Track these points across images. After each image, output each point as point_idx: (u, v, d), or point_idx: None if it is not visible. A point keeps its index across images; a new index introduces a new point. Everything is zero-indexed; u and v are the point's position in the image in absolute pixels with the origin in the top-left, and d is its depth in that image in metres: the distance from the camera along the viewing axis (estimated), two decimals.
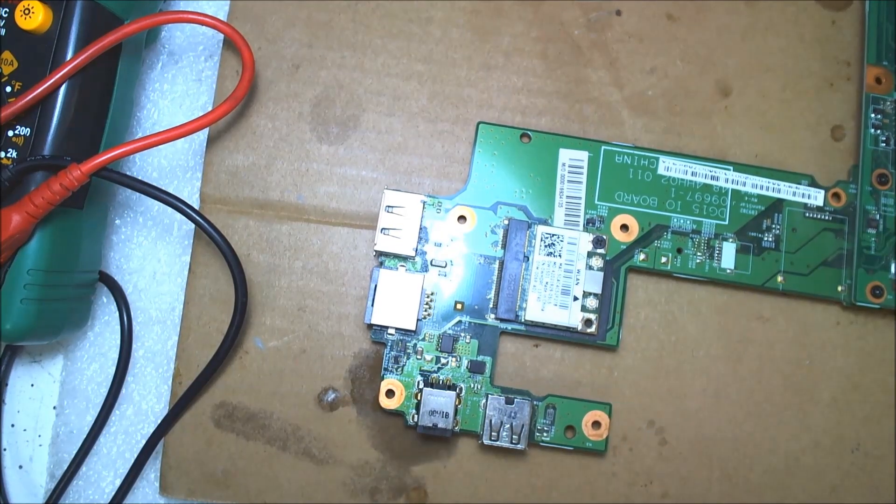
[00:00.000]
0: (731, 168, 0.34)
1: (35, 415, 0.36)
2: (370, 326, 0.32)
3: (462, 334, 0.33)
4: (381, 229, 0.32)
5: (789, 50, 0.35)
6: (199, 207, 0.34)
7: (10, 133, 0.30)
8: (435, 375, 0.32)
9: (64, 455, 0.35)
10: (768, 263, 0.33)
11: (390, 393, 0.32)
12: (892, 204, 0.33)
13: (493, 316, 0.33)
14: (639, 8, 0.36)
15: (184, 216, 0.31)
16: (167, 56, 0.37)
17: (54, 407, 0.36)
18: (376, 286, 0.32)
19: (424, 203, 0.33)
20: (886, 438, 0.34)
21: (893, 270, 0.33)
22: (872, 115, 0.34)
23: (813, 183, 0.34)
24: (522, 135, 0.34)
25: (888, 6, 0.34)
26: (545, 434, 0.32)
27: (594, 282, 0.32)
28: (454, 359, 0.32)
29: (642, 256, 0.33)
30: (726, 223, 0.34)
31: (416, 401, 0.32)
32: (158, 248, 0.36)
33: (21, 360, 0.36)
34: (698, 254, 0.33)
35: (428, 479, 0.33)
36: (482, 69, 0.35)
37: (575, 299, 0.32)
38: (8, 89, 0.30)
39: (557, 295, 0.32)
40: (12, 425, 0.36)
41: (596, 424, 0.32)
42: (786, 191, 0.34)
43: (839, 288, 0.33)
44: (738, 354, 0.34)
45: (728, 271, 0.33)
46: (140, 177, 0.35)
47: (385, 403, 0.32)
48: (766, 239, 0.34)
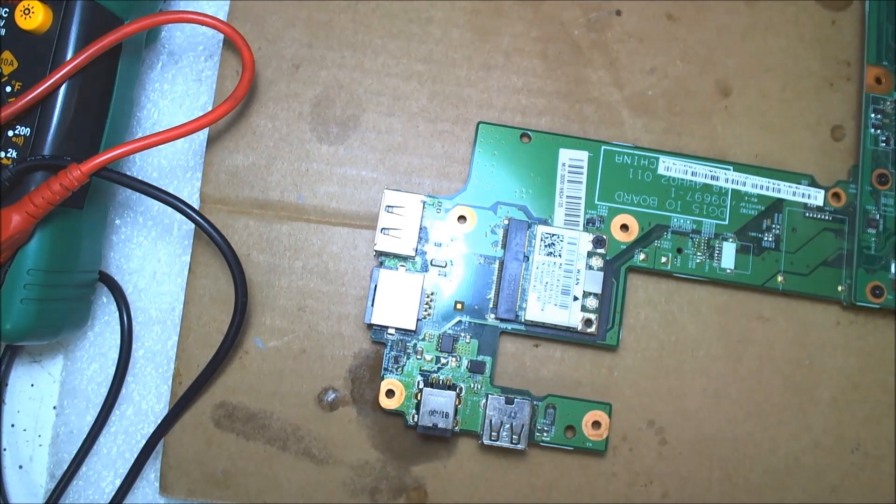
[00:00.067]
0: (731, 168, 0.34)
1: (35, 415, 0.36)
2: (370, 326, 0.32)
3: (462, 334, 0.33)
4: (381, 229, 0.32)
5: (789, 50, 0.35)
6: (199, 207, 0.34)
7: (10, 133, 0.30)
8: (435, 375, 0.32)
9: (64, 455, 0.35)
10: (768, 263, 0.33)
11: (390, 393, 0.32)
12: (892, 204, 0.33)
13: (493, 316, 0.33)
14: (639, 8, 0.36)
15: (184, 216, 0.31)
16: (167, 56, 0.37)
17: (54, 407, 0.36)
18: (376, 286, 0.32)
19: (424, 203, 0.33)
20: (886, 438, 0.34)
21: (893, 270, 0.33)
22: (872, 115, 0.34)
23: (813, 183, 0.34)
24: (522, 135, 0.34)
25: (888, 6, 0.34)
26: (545, 434, 0.32)
27: (594, 282, 0.32)
28: (454, 359, 0.32)
29: (642, 256, 0.33)
30: (726, 223, 0.34)
31: (416, 401, 0.32)
32: (158, 248, 0.36)
33: (21, 360, 0.36)
34: (698, 254, 0.33)
35: (428, 479, 0.33)
36: (482, 69, 0.35)
37: (575, 299, 0.32)
38: (8, 89, 0.30)
39: (557, 295, 0.32)
40: (12, 425, 0.36)
41: (596, 424, 0.32)
42: (786, 191, 0.34)
43: (839, 288, 0.33)
44: (738, 354, 0.34)
45: (728, 271, 0.33)
46: (140, 177, 0.35)
47: (385, 403, 0.32)
48: (766, 239, 0.34)
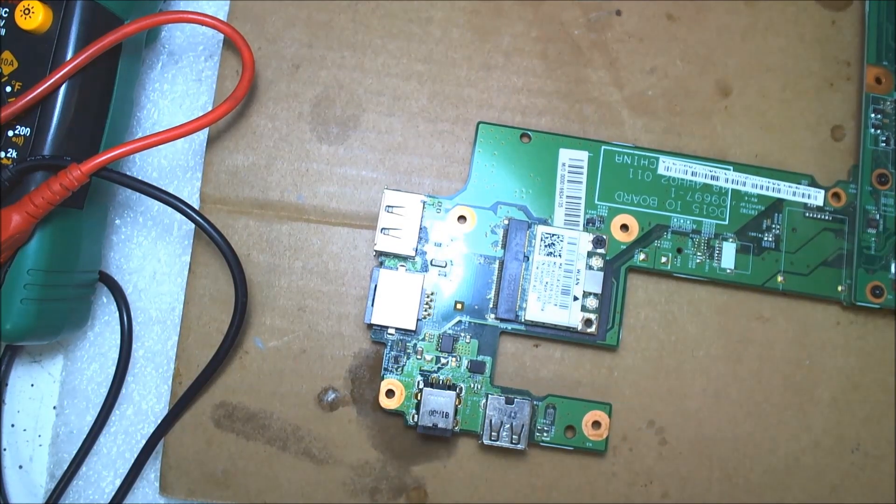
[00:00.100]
0: (731, 168, 0.34)
1: (35, 415, 0.36)
2: (370, 326, 0.32)
3: (462, 334, 0.33)
4: (381, 229, 0.32)
5: (789, 50, 0.35)
6: (199, 207, 0.34)
7: (10, 133, 0.30)
8: (435, 375, 0.32)
9: (64, 455, 0.35)
10: (768, 263, 0.33)
11: (390, 393, 0.32)
12: (892, 204, 0.33)
13: (493, 316, 0.33)
14: (639, 8, 0.36)
15: (184, 216, 0.31)
16: (167, 56, 0.37)
17: (54, 407, 0.36)
18: (376, 286, 0.32)
19: (424, 203, 0.33)
20: (886, 438, 0.34)
21: (893, 270, 0.33)
22: (872, 115, 0.34)
23: (813, 183, 0.34)
24: (522, 135, 0.34)
25: (888, 6, 0.34)
26: (545, 434, 0.32)
27: (594, 282, 0.32)
28: (454, 359, 0.32)
29: (642, 256, 0.33)
30: (726, 223, 0.34)
31: (416, 401, 0.32)
32: (158, 248, 0.36)
33: (21, 360, 0.36)
34: (698, 254, 0.33)
35: (428, 479, 0.33)
36: (482, 69, 0.35)
37: (575, 299, 0.32)
38: (8, 89, 0.30)
39: (557, 295, 0.32)
40: (12, 425, 0.36)
41: (596, 424, 0.32)
42: (786, 191, 0.34)
43: (839, 288, 0.33)
44: (738, 354, 0.34)
45: (728, 271, 0.33)
46: (140, 177, 0.35)
47: (385, 403, 0.32)
48: (766, 239, 0.33)
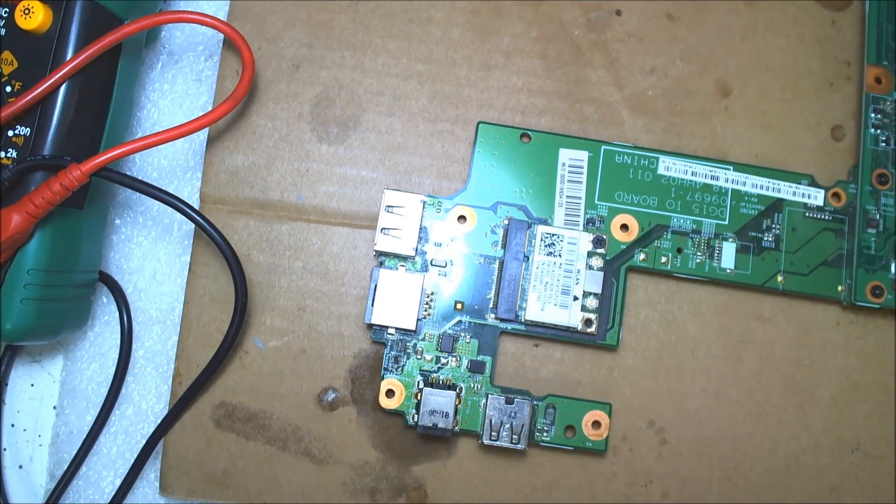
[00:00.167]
0: (731, 168, 0.34)
1: (35, 415, 0.36)
2: (370, 326, 0.32)
3: (462, 334, 0.33)
4: (381, 229, 0.32)
5: (789, 50, 0.35)
6: (199, 207, 0.34)
7: (10, 133, 0.30)
8: (435, 375, 0.32)
9: (64, 455, 0.35)
10: (768, 263, 0.33)
11: (390, 393, 0.32)
12: (892, 204, 0.33)
13: (493, 316, 0.33)
14: (639, 8, 0.36)
15: (184, 216, 0.31)
16: (167, 56, 0.37)
17: (54, 407, 0.36)
18: (376, 286, 0.32)
19: (424, 203, 0.33)
20: (886, 438, 0.34)
21: (893, 270, 0.33)
22: (872, 115, 0.34)
23: (813, 183, 0.34)
24: (522, 135, 0.34)
25: (888, 6, 0.34)
26: (545, 434, 0.32)
27: (594, 282, 0.32)
28: (454, 359, 0.32)
29: (642, 256, 0.33)
30: (726, 223, 0.33)
31: (416, 401, 0.32)
32: (158, 248, 0.36)
33: (21, 360, 0.36)
34: (698, 254, 0.33)
35: (428, 479, 0.33)
36: (482, 69, 0.35)
37: (575, 299, 0.32)
38: (8, 89, 0.30)
39: (557, 295, 0.32)
40: (12, 425, 0.36)
41: (596, 424, 0.32)
42: (786, 191, 0.34)
43: (839, 288, 0.33)
44: (738, 354, 0.34)
45: (728, 271, 0.33)
46: (140, 177, 0.35)
47: (385, 403, 0.32)
48: (766, 239, 0.33)
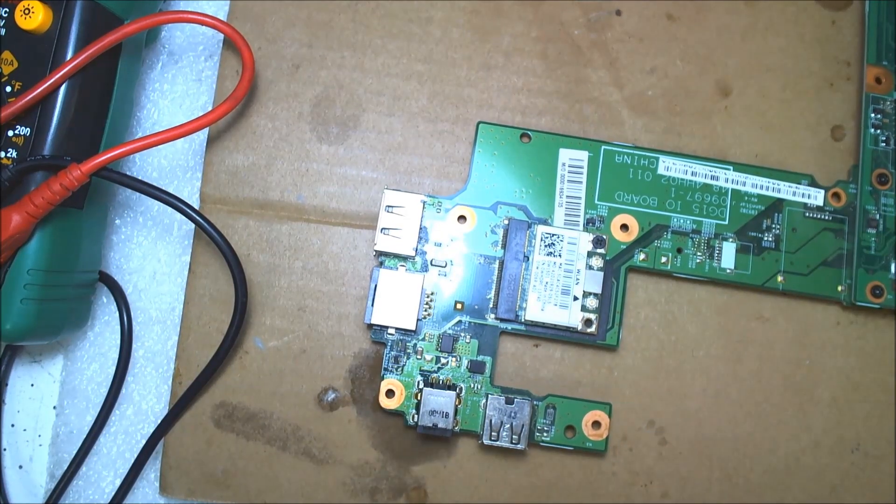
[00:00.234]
0: (731, 168, 0.34)
1: (35, 415, 0.36)
2: (370, 326, 0.32)
3: (462, 334, 0.33)
4: (381, 229, 0.32)
5: (789, 50, 0.35)
6: (199, 207, 0.34)
7: (10, 133, 0.30)
8: (435, 375, 0.32)
9: (64, 455, 0.35)
10: (768, 263, 0.33)
11: (390, 393, 0.32)
12: (892, 204, 0.33)
13: (493, 316, 0.33)
14: (639, 8, 0.36)
15: (184, 216, 0.31)
16: (167, 56, 0.37)
17: (54, 407, 0.36)
18: (376, 286, 0.32)
19: (424, 203, 0.33)
20: (886, 438, 0.34)
21: (893, 270, 0.33)
22: (872, 115, 0.34)
23: (813, 183, 0.34)
24: (522, 135, 0.34)
25: (888, 6, 0.34)
26: (545, 434, 0.32)
27: (594, 282, 0.32)
28: (454, 359, 0.32)
29: (642, 256, 0.33)
30: (726, 223, 0.33)
31: (416, 401, 0.32)
32: (158, 248, 0.36)
33: (21, 360, 0.36)
34: (698, 254, 0.33)
35: (428, 479, 0.33)
36: (482, 69, 0.35)
37: (575, 299, 0.32)
38: (8, 89, 0.30)
39: (557, 295, 0.32)
40: (12, 425, 0.36)
41: (596, 424, 0.32)
42: (786, 191, 0.34)
43: (839, 288, 0.33)
44: (738, 354, 0.34)
45: (728, 271, 0.33)
46: (140, 177, 0.35)
47: (385, 403, 0.32)
48: (766, 239, 0.33)
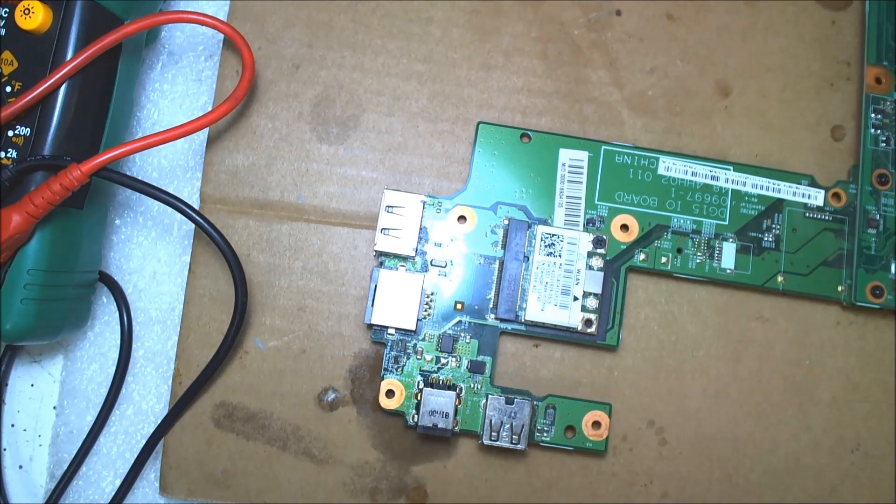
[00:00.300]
0: (731, 168, 0.34)
1: (35, 415, 0.36)
2: (370, 326, 0.32)
3: (462, 334, 0.33)
4: (381, 229, 0.32)
5: (789, 50, 0.35)
6: (199, 207, 0.34)
7: (10, 133, 0.30)
8: (435, 375, 0.32)
9: (64, 455, 0.35)
10: (768, 263, 0.33)
11: (390, 393, 0.32)
12: (892, 204, 0.33)
13: (493, 316, 0.33)
14: (639, 8, 0.36)
15: (184, 216, 0.31)
16: (167, 56, 0.37)
17: (54, 407, 0.36)
18: (376, 286, 0.32)
19: (424, 203, 0.33)
20: (886, 438, 0.34)
21: (893, 270, 0.33)
22: (872, 115, 0.34)
23: (813, 183, 0.34)
24: (522, 135, 0.34)
25: (888, 6, 0.34)
26: (545, 434, 0.32)
27: (594, 282, 0.32)
28: (454, 359, 0.32)
29: (642, 256, 0.33)
30: (726, 223, 0.34)
31: (416, 401, 0.32)
32: (158, 248, 0.36)
33: (21, 360, 0.36)
34: (698, 254, 0.33)
35: (428, 479, 0.33)
36: (482, 69, 0.35)
37: (575, 299, 0.32)
38: (8, 89, 0.30)
39: (557, 295, 0.32)
40: (12, 425, 0.36)
41: (596, 424, 0.32)
42: (786, 191, 0.34)
43: (839, 288, 0.33)
44: (738, 354, 0.34)
45: (728, 271, 0.33)
46: (140, 177, 0.35)
47: (385, 403, 0.32)
48: (766, 239, 0.33)
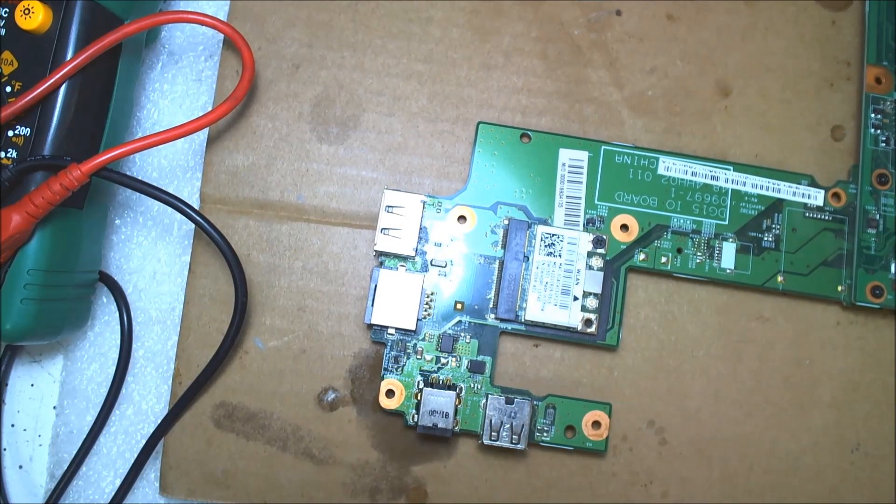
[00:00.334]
0: (731, 168, 0.34)
1: (35, 415, 0.36)
2: (370, 326, 0.32)
3: (462, 334, 0.33)
4: (381, 229, 0.32)
5: (789, 50, 0.35)
6: (199, 207, 0.34)
7: (10, 133, 0.30)
8: (435, 375, 0.32)
9: (64, 455, 0.35)
10: (768, 263, 0.33)
11: (390, 393, 0.32)
12: (892, 204, 0.33)
13: (493, 316, 0.33)
14: (639, 8, 0.36)
15: (184, 216, 0.31)
16: (167, 56, 0.37)
17: (54, 407, 0.36)
18: (376, 286, 0.32)
19: (424, 203, 0.33)
20: (886, 438, 0.34)
21: (893, 270, 0.33)
22: (872, 115, 0.34)
23: (813, 183, 0.34)
24: (522, 135, 0.34)
25: (888, 6, 0.34)
26: (545, 434, 0.32)
27: (594, 282, 0.32)
28: (454, 359, 0.32)
29: (642, 256, 0.33)
30: (726, 223, 0.34)
31: (416, 401, 0.32)
32: (158, 248, 0.36)
33: (21, 360, 0.36)
34: (698, 254, 0.33)
35: (428, 479, 0.33)
36: (482, 69, 0.35)
37: (575, 299, 0.32)
38: (8, 89, 0.30)
39: (557, 295, 0.32)
40: (12, 425, 0.36)
41: (596, 424, 0.32)
42: (786, 191, 0.34)
43: (839, 288, 0.33)
44: (738, 354, 0.34)
45: (728, 271, 0.33)
46: (140, 177, 0.35)
47: (385, 403, 0.32)
48: (766, 239, 0.34)
